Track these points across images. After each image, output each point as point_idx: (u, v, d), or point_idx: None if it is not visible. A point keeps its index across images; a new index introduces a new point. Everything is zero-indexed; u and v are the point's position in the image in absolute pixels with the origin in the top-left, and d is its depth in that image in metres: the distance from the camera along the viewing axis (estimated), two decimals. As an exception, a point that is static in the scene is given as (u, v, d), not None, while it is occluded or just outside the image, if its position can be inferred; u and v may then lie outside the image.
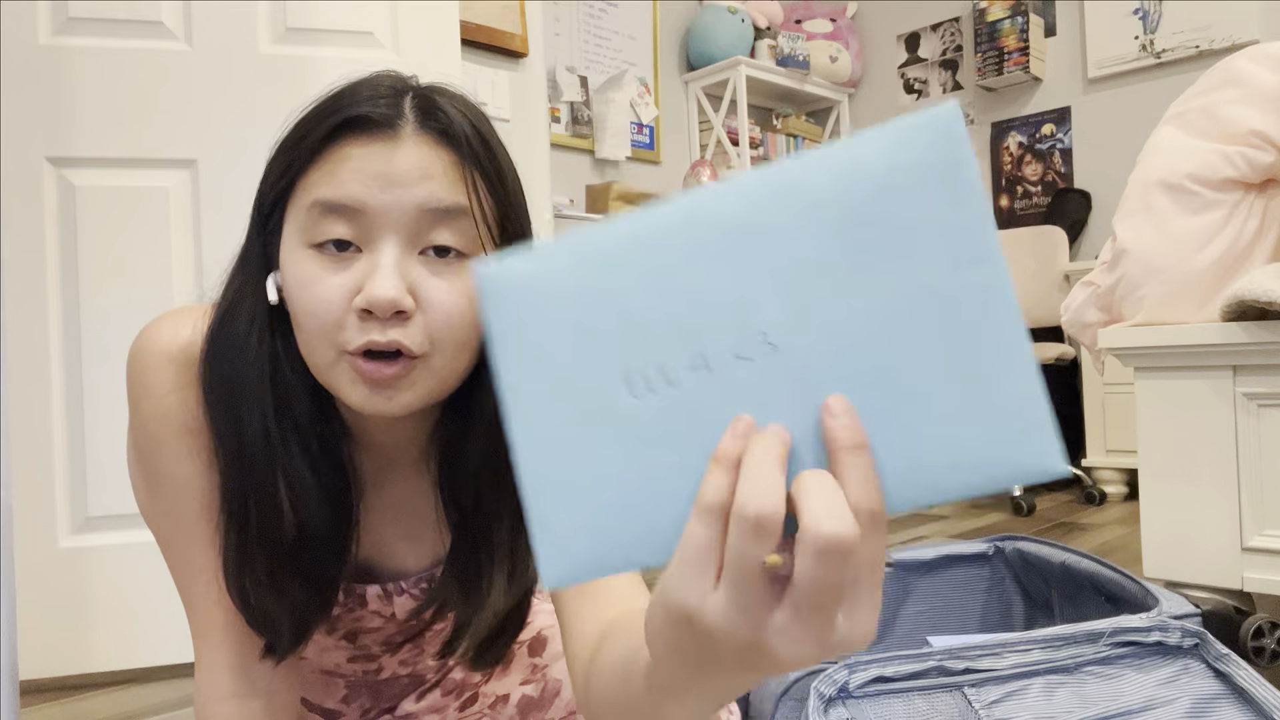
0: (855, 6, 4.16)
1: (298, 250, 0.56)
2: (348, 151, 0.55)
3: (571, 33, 3.40)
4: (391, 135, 0.55)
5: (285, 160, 0.57)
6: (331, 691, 0.80)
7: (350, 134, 0.55)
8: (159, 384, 0.59)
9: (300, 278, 0.55)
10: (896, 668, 0.79)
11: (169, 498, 0.61)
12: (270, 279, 0.60)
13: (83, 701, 1.53)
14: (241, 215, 0.64)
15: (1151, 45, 3.31)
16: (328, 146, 0.55)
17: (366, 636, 0.73)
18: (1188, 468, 1.34)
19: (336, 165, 0.55)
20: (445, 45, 1.80)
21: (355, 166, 0.54)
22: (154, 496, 0.63)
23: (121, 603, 1.61)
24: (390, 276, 0.53)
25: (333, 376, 0.56)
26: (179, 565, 0.64)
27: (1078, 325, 1.55)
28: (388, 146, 0.54)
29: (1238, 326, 1.26)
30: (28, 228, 1.58)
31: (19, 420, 1.57)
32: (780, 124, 4.07)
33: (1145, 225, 1.38)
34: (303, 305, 0.55)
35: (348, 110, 0.55)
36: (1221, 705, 0.79)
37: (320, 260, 0.55)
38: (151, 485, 0.62)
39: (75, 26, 1.60)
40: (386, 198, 0.54)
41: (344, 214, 0.54)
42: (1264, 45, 1.39)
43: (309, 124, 0.57)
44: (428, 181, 0.55)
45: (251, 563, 0.60)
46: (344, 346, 0.54)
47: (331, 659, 0.75)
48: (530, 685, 0.83)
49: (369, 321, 0.54)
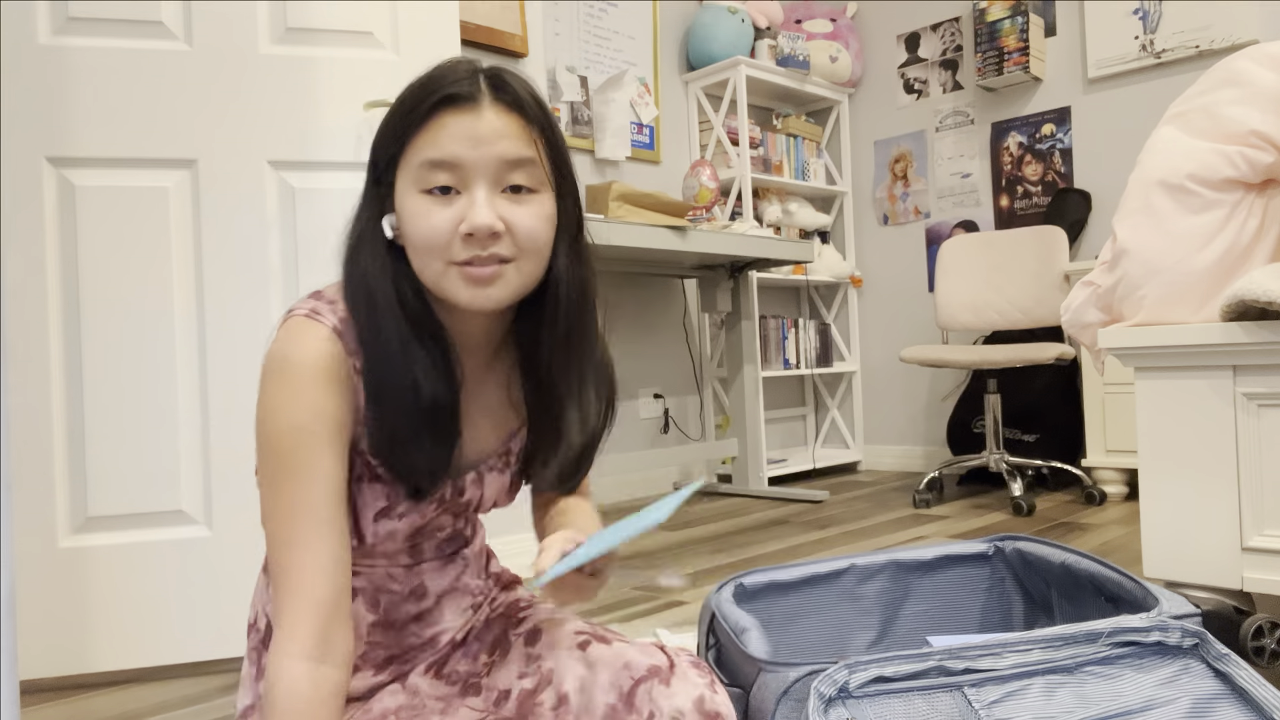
0: (855, 6, 4.16)
1: (412, 195, 0.76)
2: (444, 120, 0.75)
3: (571, 33, 3.40)
4: (475, 106, 0.75)
5: (395, 131, 0.77)
6: (357, 635, 0.87)
7: (445, 108, 0.75)
8: (315, 393, 0.75)
9: (416, 214, 0.75)
10: (896, 668, 0.79)
11: (307, 484, 0.75)
12: (385, 220, 0.79)
13: (83, 701, 1.53)
14: (242, 215, 0.66)
15: (1151, 45, 3.31)
16: (429, 118, 0.75)
17: (426, 542, 0.90)
18: (1188, 468, 1.34)
19: (437, 132, 0.75)
20: (445, 45, 1.80)
21: (451, 132, 0.74)
22: (294, 482, 0.75)
23: (121, 603, 1.61)
24: (486, 208, 0.74)
25: (445, 282, 0.76)
26: (294, 540, 0.75)
27: (1078, 325, 1.55)
28: (473, 115, 0.75)
29: (1238, 326, 1.26)
30: (28, 228, 1.58)
31: (19, 420, 1.57)
32: (780, 124, 4.07)
33: (1145, 225, 1.38)
34: (420, 233, 0.75)
35: (441, 90, 0.75)
36: (1221, 705, 0.79)
37: (430, 200, 0.75)
38: (293, 474, 0.75)
39: (75, 26, 1.60)
40: (476, 154, 0.74)
41: (446, 167, 0.74)
42: (1264, 45, 1.39)
43: (411, 102, 0.76)
44: (504, 140, 0.75)
45: (396, 431, 0.78)
46: (452, 259, 0.75)
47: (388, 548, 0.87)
48: (527, 679, 0.86)
49: (470, 242, 0.75)
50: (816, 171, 4.17)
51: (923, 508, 3.09)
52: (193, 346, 1.66)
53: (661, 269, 3.49)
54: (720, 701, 0.80)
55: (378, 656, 0.89)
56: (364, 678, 0.89)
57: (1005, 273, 3.31)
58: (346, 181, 1.74)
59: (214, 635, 1.65)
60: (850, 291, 4.23)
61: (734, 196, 3.79)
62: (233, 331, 1.67)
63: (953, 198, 3.93)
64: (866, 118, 4.22)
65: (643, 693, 0.79)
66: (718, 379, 3.86)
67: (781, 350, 3.97)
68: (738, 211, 3.81)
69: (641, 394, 3.60)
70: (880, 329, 4.19)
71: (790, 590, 1.20)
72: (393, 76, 1.76)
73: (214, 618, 1.66)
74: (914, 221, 4.06)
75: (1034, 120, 3.66)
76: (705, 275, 3.59)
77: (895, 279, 4.13)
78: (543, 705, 0.84)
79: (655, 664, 0.81)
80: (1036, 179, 3.67)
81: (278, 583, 0.76)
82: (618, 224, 2.63)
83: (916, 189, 4.04)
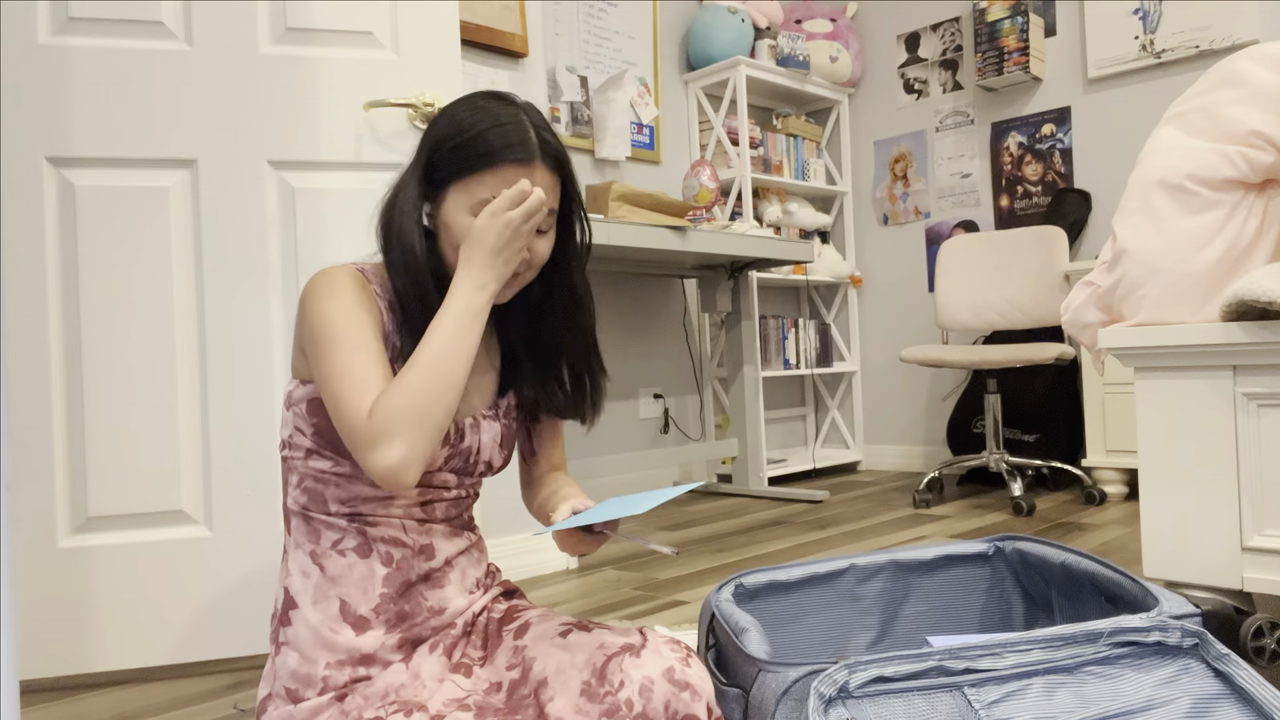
0: (855, 6, 4.16)
1: (463, 214, 0.95)
2: (505, 171, 0.95)
3: (571, 33, 3.40)
4: (531, 165, 0.96)
5: (462, 161, 0.95)
6: (368, 592, 0.96)
7: (509, 161, 0.95)
8: (351, 289, 0.96)
9: (465, 228, 0.95)
10: (896, 668, 0.79)
11: (360, 339, 0.93)
12: (423, 209, 0.99)
13: (83, 701, 1.53)
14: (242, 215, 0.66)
15: (1151, 45, 3.31)
16: (494, 166, 0.95)
17: (437, 502, 1.02)
18: (1188, 468, 1.34)
19: (502, 181, 0.95)
20: (445, 45, 1.80)
21: (508, 183, 0.95)
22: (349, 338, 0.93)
23: (121, 603, 1.62)
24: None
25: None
26: (354, 350, 0.92)
27: (1078, 325, 1.55)
28: (529, 170, 0.96)
29: (1238, 326, 1.26)
30: (28, 228, 1.58)
31: (19, 420, 1.57)
32: (780, 124, 4.07)
33: (1145, 225, 1.38)
34: (462, 241, 0.96)
35: (511, 153, 0.95)
36: (1221, 705, 0.79)
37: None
38: (347, 335, 0.93)
39: (75, 26, 1.60)
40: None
41: None
42: (1264, 45, 1.39)
43: (482, 147, 0.95)
44: (544, 193, 0.95)
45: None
46: None
47: (404, 499, 1.00)
48: (514, 670, 0.93)
49: None
50: (816, 171, 4.17)
51: (923, 508, 3.09)
52: (193, 346, 1.66)
53: (661, 269, 3.49)
54: (692, 675, 0.82)
55: (389, 612, 0.97)
56: (375, 635, 0.96)
57: (1005, 273, 3.31)
58: (346, 181, 1.74)
59: (214, 635, 1.66)
60: (850, 291, 4.23)
61: (734, 196, 3.79)
62: (233, 331, 1.67)
63: (953, 198, 3.93)
64: (866, 118, 4.22)
65: (614, 665, 0.84)
66: (718, 379, 3.86)
67: (781, 350, 3.97)
68: (738, 211, 3.81)
69: (641, 394, 3.59)
70: (880, 329, 4.19)
71: (790, 590, 1.20)
72: (393, 76, 1.76)
73: (214, 618, 1.66)
74: (914, 221, 4.06)
75: (1034, 120, 3.66)
76: (705, 275, 3.59)
77: (895, 279, 4.13)
78: (527, 692, 0.88)
79: (629, 642, 0.87)
80: (1036, 179, 3.67)
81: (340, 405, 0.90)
82: (618, 224, 2.63)
83: (916, 189, 4.04)
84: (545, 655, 0.90)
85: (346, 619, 0.96)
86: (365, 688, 0.94)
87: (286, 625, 0.97)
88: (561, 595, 2.13)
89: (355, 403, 0.89)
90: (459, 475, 1.04)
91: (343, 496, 0.98)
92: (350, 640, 0.95)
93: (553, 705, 0.84)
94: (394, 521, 0.99)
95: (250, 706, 1.47)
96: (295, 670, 0.95)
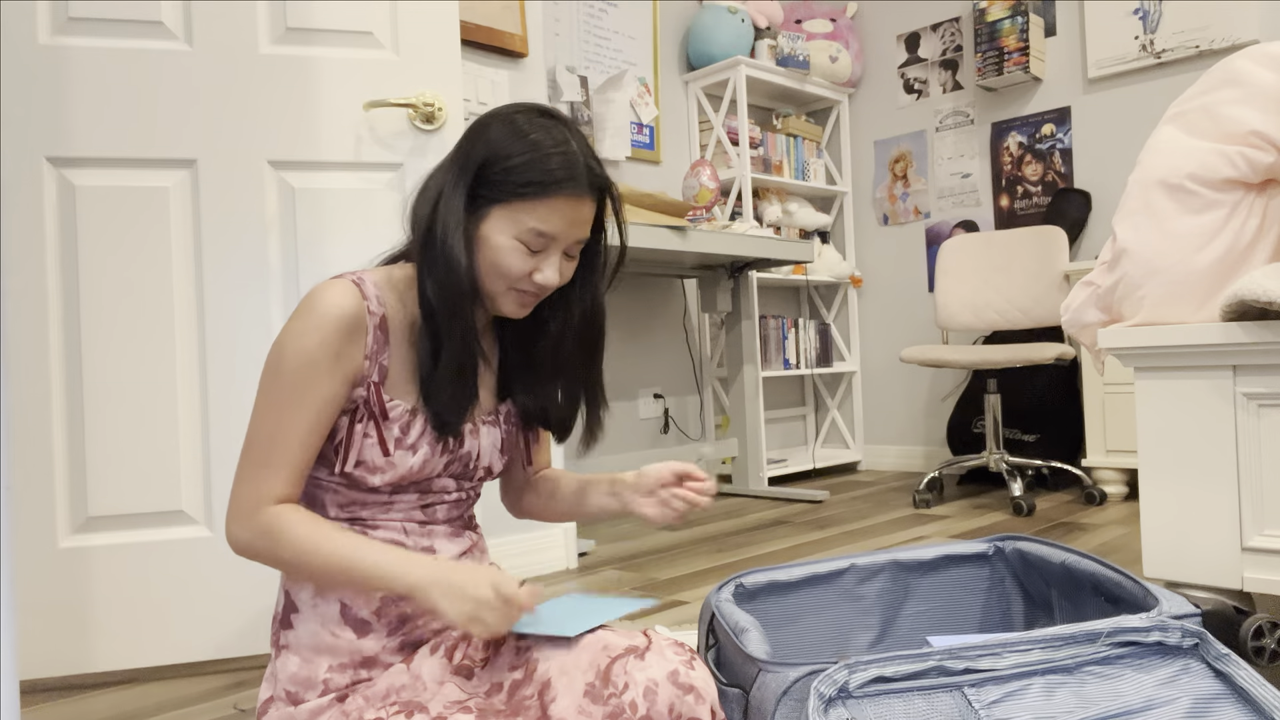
0: (855, 6, 4.16)
1: (507, 236, 0.95)
2: (558, 203, 0.95)
3: (571, 33, 3.40)
4: (581, 198, 0.96)
5: (515, 186, 0.94)
6: (369, 595, 0.96)
7: (563, 192, 0.94)
8: (330, 331, 0.92)
9: (504, 250, 0.95)
10: (896, 668, 0.79)
11: (300, 388, 0.91)
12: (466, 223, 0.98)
13: (83, 701, 1.53)
14: (242, 215, 0.66)
15: (1151, 45, 3.31)
16: (549, 195, 0.94)
17: (438, 505, 1.03)
18: (1188, 468, 1.34)
19: (550, 211, 0.95)
20: (445, 45, 1.80)
21: (561, 214, 0.95)
22: (290, 399, 0.91)
23: (121, 603, 1.61)
24: (556, 272, 0.98)
25: (499, 295, 0.98)
26: (280, 426, 0.92)
27: (1078, 325, 1.55)
28: (580, 203, 0.96)
29: (1238, 326, 1.26)
30: (28, 228, 1.58)
31: (19, 420, 1.57)
32: (780, 124, 4.07)
33: (1145, 225, 1.38)
34: (501, 265, 0.96)
35: (563, 189, 0.94)
36: (1221, 705, 0.79)
37: (519, 248, 0.96)
38: (291, 392, 0.91)
39: (75, 26, 1.60)
40: (569, 232, 0.97)
41: (546, 237, 0.96)
42: (1264, 45, 1.39)
43: (539, 174, 0.94)
44: (585, 224, 0.98)
45: (443, 376, 0.97)
46: (514, 286, 0.98)
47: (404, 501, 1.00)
48: (517, 670, 0.92)
49: (533, 285, 0.98)
50: (816, 171, 4.17)
51: (923, 508, 3.09)
52: (193, 346, 1.66)
53: (661, 269, 3.48)
54: (697, 677, 0.82)
55: (390, 615, 0.97)
56: (377, 638, 0.96)
57: (1005, 273, 3.31)
58: (346, 181, 1.74)
59: (214, 635, 1.66)
60: (850, 291, 4.23)
61: (734, 196, 3.79)
62: (233, 331, 1.67)
63: (953, 198, 3.93)
64: (866, 118, 4.22)
65: (618, 667, 0.83)
66: (718, 379, 3.86)
67: (781, 350, 3.97)
68: (738, 211, 3.81)
69: (641, 394, 3.59)
70: (880, 329, 4.18)
71: (790, 590, 1.20)
72: (393, 76, 1.76)
73: (213, 618, 1.66)
74: (914, 221, 4.06)
75: (1034, 120, 3.66)
76: (705, 275, 3.59)
77: (895, 279, 4.13)
78: (529, 693, 0.88)
79: (633, 644, 0.86)
80: (1036, 179, 3.67)
81: (251, 457, 0.92)
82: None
83: (916, 189, 4.04)
84: (548, 656, 0.90)
85: (347, 622, 0.96)
86: (366, 689, 0.94)
87: (287, 628, 0.97)
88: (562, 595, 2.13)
89: (255, 479, 0.91)
90: (458, 480, 1.04)
91: (341, 502, 0.98)
92: (352, 643, 0.95)
93: (556, 706, 0.84)
94: (394, 524, 0.99)
95: (250, 707, 1.47)
96: (296, 673, 0.95)
